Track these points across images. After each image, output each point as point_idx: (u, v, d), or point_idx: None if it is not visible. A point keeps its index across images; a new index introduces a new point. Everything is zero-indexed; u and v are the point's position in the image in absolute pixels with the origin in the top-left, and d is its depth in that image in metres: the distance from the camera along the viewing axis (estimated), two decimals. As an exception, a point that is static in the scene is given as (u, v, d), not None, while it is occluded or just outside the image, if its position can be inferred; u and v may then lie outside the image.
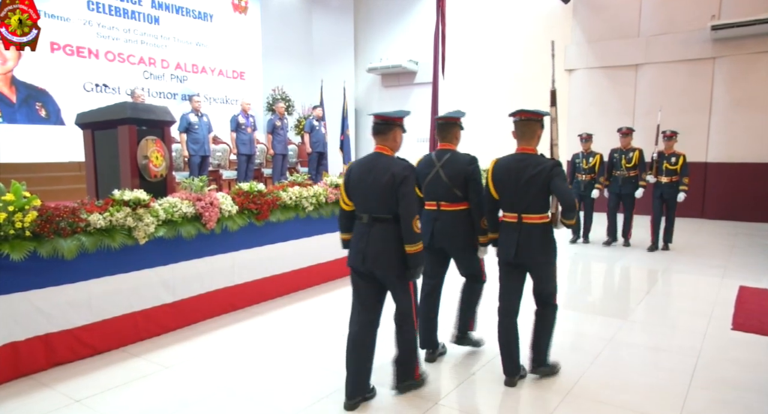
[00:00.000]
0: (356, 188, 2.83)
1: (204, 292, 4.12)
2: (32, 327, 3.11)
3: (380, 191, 2.73)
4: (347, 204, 2.93)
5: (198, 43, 10.76)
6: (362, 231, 2.81)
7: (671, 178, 6.74)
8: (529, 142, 3.04)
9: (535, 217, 2.97)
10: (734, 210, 9.58)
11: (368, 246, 2.77)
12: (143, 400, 2.88)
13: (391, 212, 2.74)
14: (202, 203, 4.07)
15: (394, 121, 2.86)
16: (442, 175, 3.23)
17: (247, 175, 9.16)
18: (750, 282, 5.29)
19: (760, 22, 8.70)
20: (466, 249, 3.29)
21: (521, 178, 2.94)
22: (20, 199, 3.06)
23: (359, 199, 2.84)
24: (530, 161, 2.97)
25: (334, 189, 5.36)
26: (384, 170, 2.74)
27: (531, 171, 2.92)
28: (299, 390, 3.00)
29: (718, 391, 2.97)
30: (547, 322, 3.16)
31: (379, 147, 2.86)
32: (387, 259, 2.77)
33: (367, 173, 2.79)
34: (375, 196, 2.75)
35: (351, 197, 2.89)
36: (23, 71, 8.18)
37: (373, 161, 2.82)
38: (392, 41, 12.58)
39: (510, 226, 3.03)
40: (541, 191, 2.92)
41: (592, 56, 10.87)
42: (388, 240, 2.75)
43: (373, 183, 2.75)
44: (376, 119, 2.88)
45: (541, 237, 2.98)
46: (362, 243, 2.80)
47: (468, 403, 2.88)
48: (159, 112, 5.14)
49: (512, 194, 2.99)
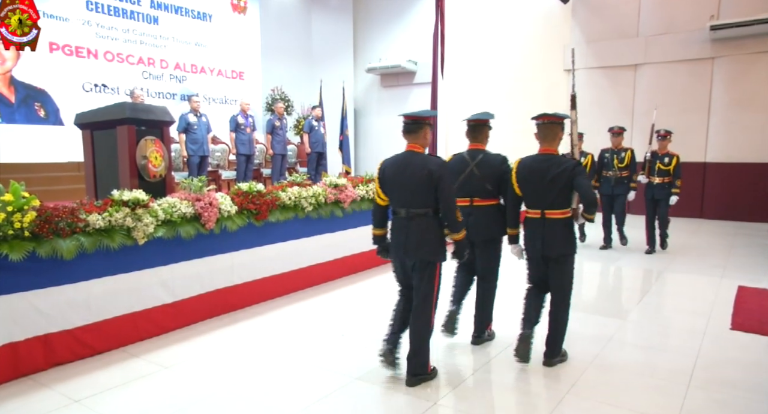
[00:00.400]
0: (392, 184, 3.02)
1: (203, 292, 4.12)
2: (31, 327, 3.10)
3: (417, 187, 2.93)
4: (382, 199, 3.13)
5: (197, 43, 10.75)
6: (401, 225, 3.01)
7: (663, 178, 6.56)
8: (551, 143, 3.26)
9: (557, 212, 3.18)
10: (733, 210, 9.59)
11: (408, 238, 2.97)
12: (142, 400, 2.88)
13: (427, 206, 2.95)
14: (201, 203, 4.07)
15: (424, 120, 3.04)
16: (476, 173, 3.45)
17: (246, 176, 9.16)
18: (749, 282, 5.29)
19: (759, 22, 8.71)
20: (495, 241, 3.54)
21: (545, 177, 3.16)
22: (19, 199, 3.06)
23: (396, 195, 3.03)
24: (553, 161, 3.19)
25: (333, 189, 5.36)
26: (420, 167, 2.92)
27: (554, 170, 3.14)
28: (299, 390, 3.00)
29: (716, 391, 2.98)
30: (560, 316, 3.31)
31: (411, 145, 3.05)
32: (426, 247, 2.95)
33: (403, 170, 2.98)
34: (412, 191, 2.94)
35: (387, 193, 3.09)
36: (22, 71, 8.17)
37: (407, 159, 3.01)
38: (391, 41, 12.57)
39: (534, 221, 3.24)
40: (564, 189, 3.14)
41: (591, 56, 10.88)
42: (426, 232, 2.95)
43: (410, 179, 2.94)
44: (407, 119, 3.06)
45: (562, 231, 3.19)
46: (402, 236, 3.00)
47: (466, 403, 2.88)
48: (158, 112, 5.14)
49: (536, 192, 3.21)
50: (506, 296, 4.24)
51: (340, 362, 3.37)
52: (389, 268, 5.95)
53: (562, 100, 11.25)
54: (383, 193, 3.11)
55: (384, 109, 12.86)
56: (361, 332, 3.94)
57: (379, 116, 12.94)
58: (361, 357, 3.45)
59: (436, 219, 2.98)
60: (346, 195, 5.43)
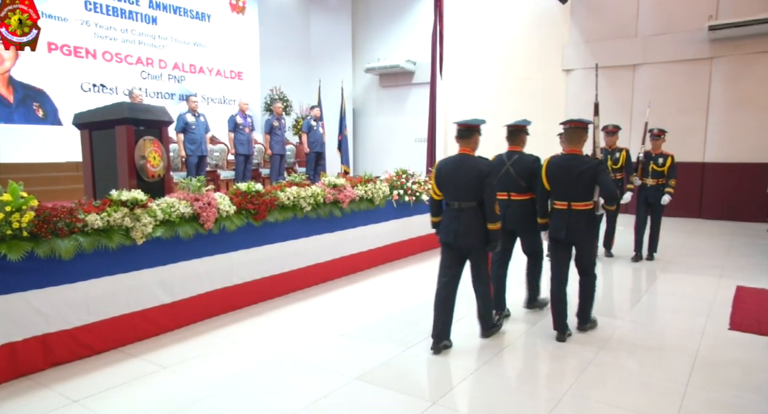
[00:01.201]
0: (447, 181, 3.56)
1: (202, 292, 4.12)
2: (30, 327, 3.10)
3: (469, 184, 3.46)
4: (438, 194, 3.68)
5: (195, 43, 10.75)
6: (453, 215, 3.54)
7: (658, 180, 6.15)
8: (577, 145, 3.76)
9: (581, 204, 3.69)
10: (732, 210, 9.60)
11: (459, 226, 3.50)
12: (141, 400, 2.88)
13: (476, 200, 3.47)
14: (200, 203, 4.06)
15: (475, 128, 3.55)
16: (512, 172, 4.02)
17: (244, 175, 9.15)
18: (747, 282, 5.30)
19: (758, 23, 8.73)
20: (531, 229, 4.09)
21: (572, 173, 3.66)
22: (17, 199, 3.06)
23: (450, 190, 3.56)
24: (578, 160, 3.69)
25: (332, 189, 5.36)
26: (472, 167, 3.46)
27: (579, 168, 3.65)
28: (298, 390, 3.00)
29: (715, 391, 2.98)
30: (588, 288, 3.87)
31: (462, 149, 3.57)
32: (474, 236, 3.49)
33: (457, 170, 3.51)
34: (465, 187, 3.47)
35: (441, 189, 3.62)
36: (20, 71, 8.17)
37: (461, 161, 3.53)
38: (390, 41, 12.58)
39: (560, 212, 3.75)
40: (588, 184, 3.64)
41: (590, 56, 10.88)
42: (473, 221, 3.49)
43: (464, 177, 3.47)
44: (460, 127, 3.57)
45: (586, 220, 3.71)
46: (454, 224, 3.52)
47: (465, 403, 2.88)
48: (156, 112, 5.13)
49: (563, 186, 3.71)
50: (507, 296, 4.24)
51: (340, 362, 3.37)
52: (389, 268, 5.97)
53: (561, 100, 11.28)
54: (438, 189, 3.63)
55: (383, 109, 12.87)
56: (360, 332, 3.95)
57: (378, 116, 12.94)
58: (360, 357, 3.45)
59: (481, 211, 3.47)
60: (344, 195, 5.43)
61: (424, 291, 5.11)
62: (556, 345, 3.71)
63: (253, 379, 3.14)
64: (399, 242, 6.45)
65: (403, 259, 6.54)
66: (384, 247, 6.18)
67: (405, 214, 6.50)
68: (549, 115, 11.16)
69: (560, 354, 3.56)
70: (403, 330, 4.02)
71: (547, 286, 4.03)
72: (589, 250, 3.81)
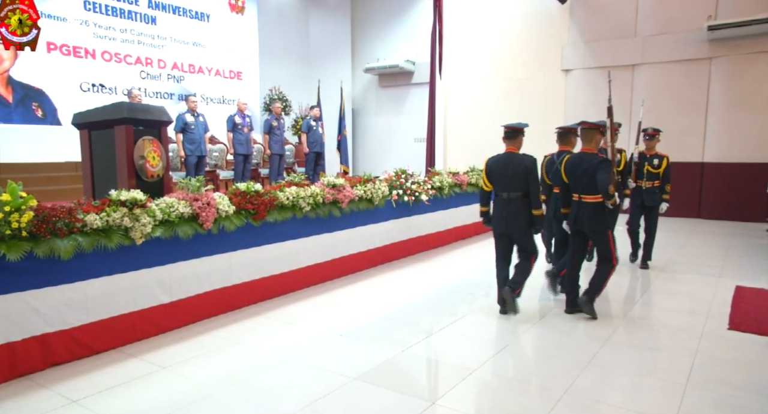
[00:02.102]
0: (498, 175, 4.25)
1: (201, 292, 4.12)
2: (29, 327, 3.10)
3: (515, 177, 4.15)
4: (488, 186, 4.39)
5: (195, 43, 10.74)
6: (503, 205, 4.24)
7: (653, 182, 5.85)
8: (589, 144, 4.23)
9: (589, 197, 4.15)
10: (731, 210, 9.61)
11: (509, 213, 4.20)
12: (141, 400, 2.88)
13: (522, 190, 4.15)
14: (199, 203, 4.06)
15: (519, 130, 4.23)
16: (561, 170, 4.40)
17: (244, 175, 9.14)
18: (747, 282, 5.31)
19: (757, 23, 8.74)
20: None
21: (580, 169, 4.15)
22: (17, 199, 3.06)
23: (500, 183, 4.25)
24: (587, 158, 4.16)
25: (332, 189, 5.35)
26: (519, 164, 4.15)
27: (586, 165, 4.12)
28: (297, 390, 3.00)
29: (714, 391, 2.98)
30: (600, 272, 4.23)
31: (509, 148, 4.26)
32: (522, 222, 4.19)
33: (506, 166, 4.20)
34: (513, 180, 4.16)
35: (492, 182, 4.33)
36: (20, 71, 8.15)
37: (508, 158, 4.23)
38: (389, 41, 12.57)
39: (575, 203, 4.27)
40: (592, 179, 4.08)
41: (589, 56, 10.90)
42: (521, 209, 4.19)
43: (512, 172, 4.16)
44: (507, 129, 4.25)
45: (593, 211, 4.13)
46: (504, 212, 4.23)
47: (465, 403, 2.88)
48: (156, 112, 5.13)
49: (576, 181, 4.22)
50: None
51: (339, 362, 3.37)
52: (388, 268, 5.97)
53: (560, 100, 11.29)
54: (489, 182, 4.34)
55: (382, 109, 12.87)
56: (359, 332, 3.94)
57: (377, 116, 12.94)
58: (359, 357, 3.45)
59: (526, 200, 4.16)
60: (344, 195, 5.43)
61: (423, 291, 5.11)
62: (555, 345, 3.71)
63: (253, 379, 3.13)
64: (398, 242, 6.45)
65: (403, 259, 6.54)
66: (383, 247, 6.18)
67: (404, 214, 6.50)
68: (548, 115, 11.20)
69: (560, 354, 3.56)
70: (402, 330, 4.02)
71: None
72: (598, 238, 4.20)
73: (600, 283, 4.23)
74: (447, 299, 4.87)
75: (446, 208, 7.40)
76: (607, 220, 4.20)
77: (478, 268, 6.11)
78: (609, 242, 4.19)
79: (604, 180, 3.97)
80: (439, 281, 5.48)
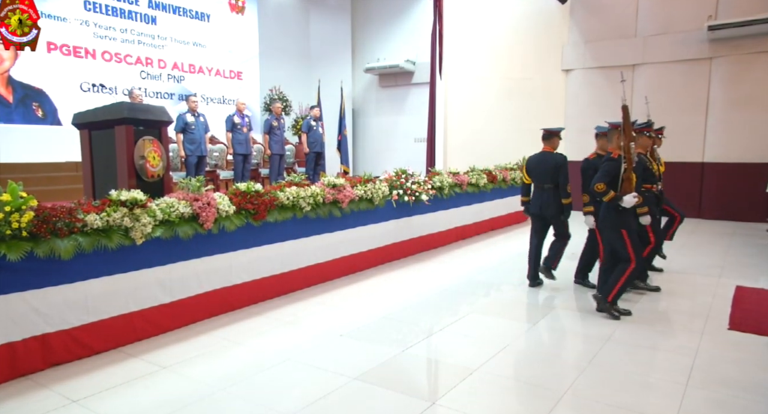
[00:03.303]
0: (534, 171, 5.10)
1: (201, 292, 4.12)
2: (29, 327, 3.10)
3: (548, 172, 4.96)
4: (527, 179, 5.27)
5: (195, 43, 10.74)
6: (539, 194, 5.07)
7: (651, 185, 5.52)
8: (609, 142, 4.45)
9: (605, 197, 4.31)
10: (731, 210, 9.61)
11: (543, 201, 5.02)
12: (141, 400, 2.88)
13: (554, 183, 4.95)
14: (200, 203, 4.06)
15: (555, 133, 5.03)
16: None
17: (243, 175, 9.14)
18: (747, 282, 5.31)
19: (757, 22, 8.73)
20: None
21: (591, 169, 4.73)
22: (17, 199, 3.06)
23: (537, 177, 5.09)
24: (605, 158, 4.38)
25: (332, 189, 5.35)
26: (551, 161, 4.97)
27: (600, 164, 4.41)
28: (297, 390, 3.00)
29: (714, 391, 2.98)
30: (618, 271, 4.24)
31: (546, 148, 5.06)
32: (554, 208, 4.98)
33: (541, 163, 5.03)
34: (547, 174, 4.97)
35: (530, 176, 5.19)
36: (20, 71, 8.16)
37: (544, 156, 5.05)
38: (389, 41, 12.57)
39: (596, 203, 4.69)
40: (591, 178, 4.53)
41: (589, 56, 10.90)
42: (552, 197, 4.98)
43: (544, 168, 4.98)
44: (544, 132, 5.06)
45: (605, 211, 4.31)
46: (539, 200, 5.06)
47: (464, 403, 2.88)
48: (156, 112, 5.13)
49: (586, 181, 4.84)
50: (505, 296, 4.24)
51: (339, 362, 3.37)
52: (388, 268, 5.97)
53: (560, 100, 11.29)
54: (528, 176, 5.21)
55: (382, 109, 12.86)
56: (360, 332, 3.95)
57: (378, 116, 12.94)
58: (360, 357, 3.45)
59: (557, 191, 4.95)
60: (344, 195, 5.43)
61: (424, 291, 5.12)
62: (555, 345, 3.72)
63: (253, 379, 3.14)
64: (399, 242, 6.45)
65: (403, 259, 6.54)
66: (383, 247, 6.18)
67: (404, 214, 6.50)
68: (548, 115, 11.20)
69: (560, 353, 3.57)
70: (403, 330, 4.03)
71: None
72: (607, 238, 4.41)
73: (615, 283, 4.22)
74: (447, 299, 4.87)
75: (446, 208, 7.40)
76: (616, 219, 4.20)
77: (479, 268, 6.11)
78: (624, 242, 4.18)
79: (595, 178, 4.22)
80: (440, 281, 5.48)
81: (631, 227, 4.21)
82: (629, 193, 4.10)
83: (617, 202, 4.14)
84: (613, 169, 4.16)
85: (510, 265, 6.26)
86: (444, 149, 11.28)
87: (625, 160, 4.11)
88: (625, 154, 4.17)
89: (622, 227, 4.20)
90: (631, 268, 4.15)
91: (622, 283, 4.19)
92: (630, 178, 4.12)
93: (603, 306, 4.28)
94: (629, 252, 4.16)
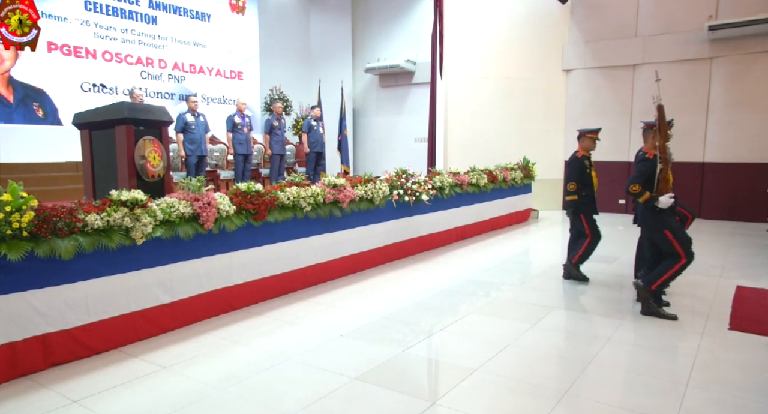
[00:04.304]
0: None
1: (202, 292, 4.12)
2: (30, 327, 3.10)
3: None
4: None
5: (195, 43, 10.74)
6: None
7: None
8: (645, 142, 4.45)
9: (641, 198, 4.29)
10: (731, 210, 9.61)
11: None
12: (141, 400, 2.88)
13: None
14: (200, 203, 4.06)
15: (584, 134, 5.30)
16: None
17: (244, 175, 9.14)
18: (747, 282, 5.31)
19: (758, 22, 8.73)
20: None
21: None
22: (17, 199, 3.06)
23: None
24: (638, 154, 4.47)
25: (332, 189, 5.35)
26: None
27: (636, 160, 4.46)
28: (297, 390, 3.00)
29: (715, 391, 2.98)
30: (665, 264, 4.20)
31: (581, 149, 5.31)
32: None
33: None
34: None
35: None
36: (20, 71, 8.16)
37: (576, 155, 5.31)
38: (390, 41, 12.57)
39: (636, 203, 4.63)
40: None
41: (590, 56, 10.89)
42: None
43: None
44: (580, 133, 5.33)
45: (642, 209, 4.30)
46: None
47: (464, 403, 2.88)
48: (156, 112, 5.14)
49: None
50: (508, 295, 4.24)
51: (339, 362, 3.37)
52: (389, 268, 5.97)
53: (560, 100, 11.28)
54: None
55: (383, 109, 12.86)
56: (360, 332, 3.95)
57: (378, 116, 12.93)
58: (360, 357, 3.45)
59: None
60: (344, 195, 5.43)
61: (424, 291, 5.11)
62: (555, 345, 3.72)
63: (253, 379, 3.14)
64: (399, 242, 6.45)
65: (404, 259, 6.54)
66: (384, 247, 6.18)
67: (405, 214, 6.50)
68: (548, 115, 11.20)
69: (560, 354, 3.57)
70: (403, 330, 4.03)
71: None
72: (652, 237, 4.30)
73: (660, 275, 4.18)
74: (447, 299, 4.87)
75: (447, 208, 7.40)
76: (656, 221, 4.18)
77: (479, 268, 6.11)
78: (669, 242, 4.14)
79: (630, 179, 4.22)
80: (440, 281, 5.48)
81: (672, 225, 4.17)
82: (666, 193, 4.07)
83: (653, 202, 4.11)
84: (648, 169, 4.15)
85: (510, 265, 6.26)
86: (444, 149, 11.27)
87: (661, 160, 4.08)
88: (661, 153, 4.14)
89: (663, 228, 4.15)
90: (681, 264, 4.11)
91: (668, 275, 4.16)
92: (666, 178, 4.11)
93: (644, 295, 4.26)
94: (678, 250, 4.11)
